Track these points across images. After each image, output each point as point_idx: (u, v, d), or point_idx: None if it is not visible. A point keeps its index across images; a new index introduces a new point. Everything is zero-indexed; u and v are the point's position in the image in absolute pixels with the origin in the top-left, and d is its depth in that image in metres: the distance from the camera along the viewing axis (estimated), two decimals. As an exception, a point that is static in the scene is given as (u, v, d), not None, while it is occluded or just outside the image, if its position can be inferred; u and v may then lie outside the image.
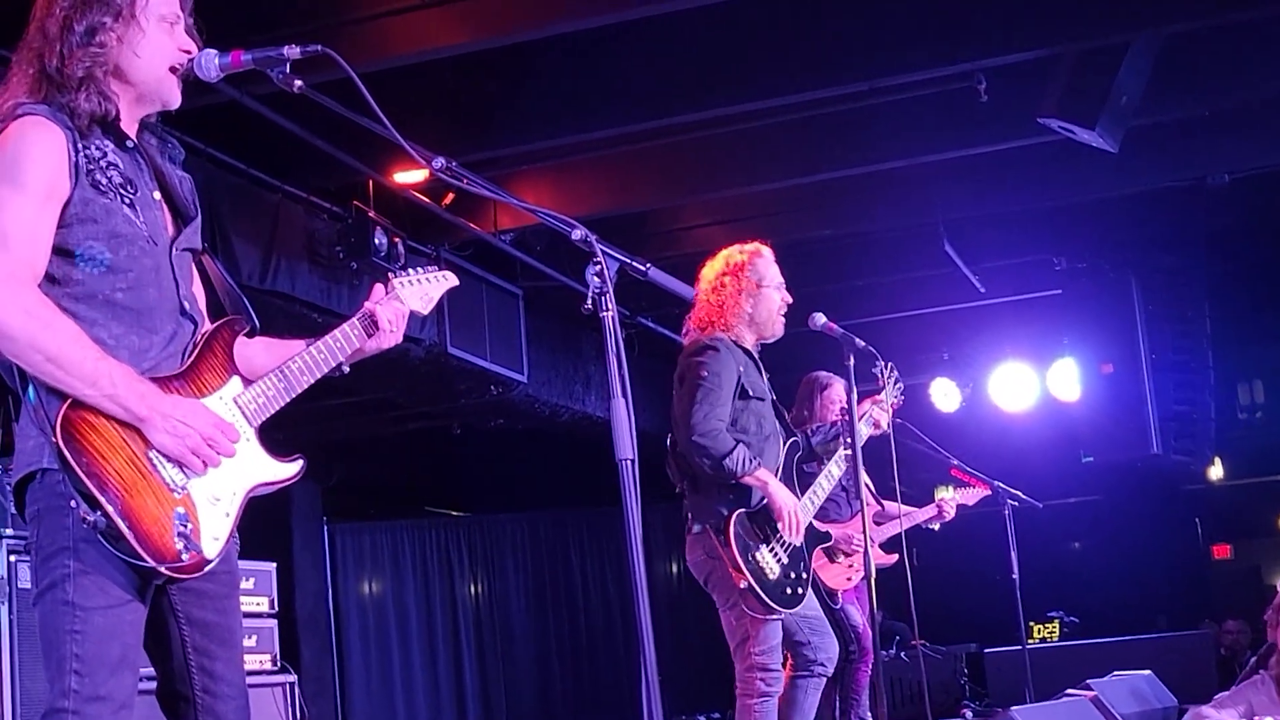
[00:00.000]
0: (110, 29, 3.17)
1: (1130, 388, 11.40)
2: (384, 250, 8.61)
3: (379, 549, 14.22)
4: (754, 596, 5.52)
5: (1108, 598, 13.82)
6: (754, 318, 5.89)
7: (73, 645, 3.03)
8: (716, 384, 5.65)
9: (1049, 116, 7.62)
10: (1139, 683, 8.19)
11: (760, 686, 5.57)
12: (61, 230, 3.08)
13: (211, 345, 3.30)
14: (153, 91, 3.29)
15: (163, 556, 3.01)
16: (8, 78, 3.24)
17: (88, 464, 2.97)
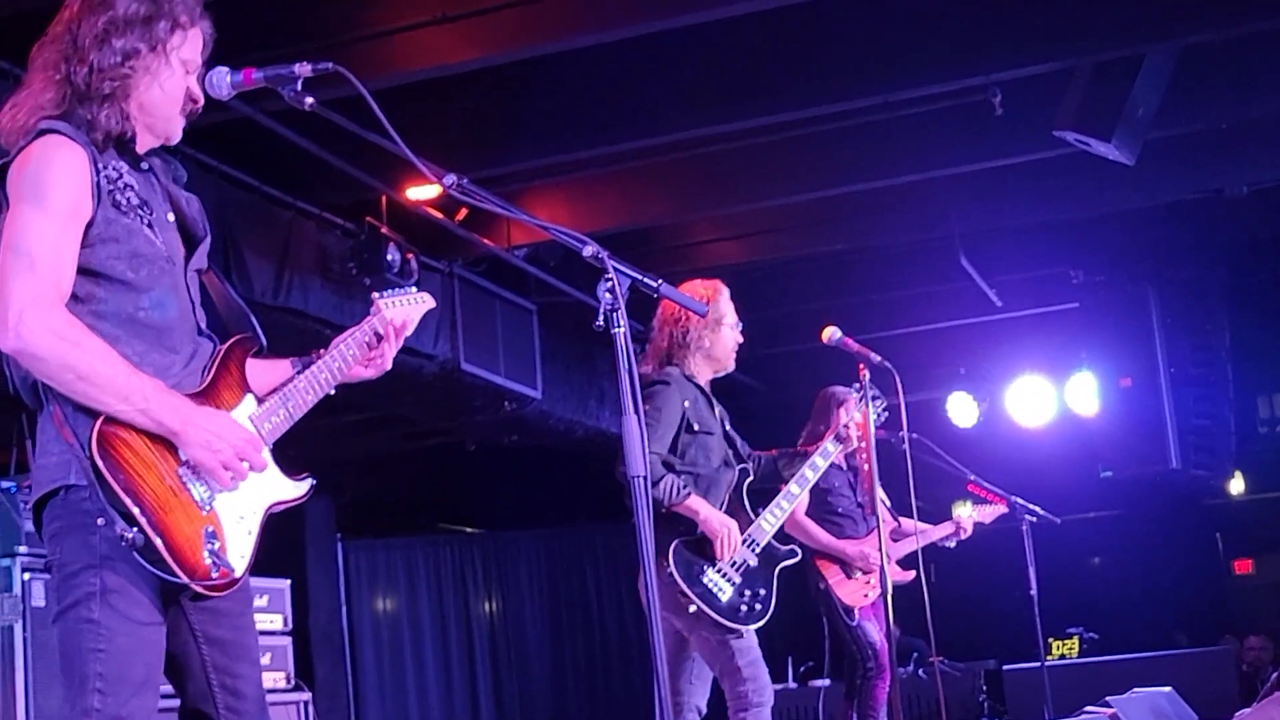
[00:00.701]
0: (143, 56, 3.19)
1: (1149, 402, 11.33)
2: (397, 266, 8.59)
3: (393, 566, 14.20)
4: (706, 619, 5.58)
5: (1127, 614, 13.74)
6: (710, 353, 5.95)
7: (96, 664, 3.02)
8: (657, 419, 5.71)
9: (1065, 129, 7.59)
10: (1159, 700, 8.11)
11: (752, 698, 5.64)
12: (84, 250, 3.08)
13: (227, 363, 3.31)
14: (161, 127, 3.30)
15: (195, 573, 3.03)
16: (29, 78, 3.24)
17: (125, 480, 2.98)
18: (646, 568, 2.96)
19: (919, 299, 11.79)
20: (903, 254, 10.96)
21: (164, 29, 3.22)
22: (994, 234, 10.39)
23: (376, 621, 13.98)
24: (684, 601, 5.58)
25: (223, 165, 7.70)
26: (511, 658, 14.59)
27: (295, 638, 9.60)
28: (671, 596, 5.63)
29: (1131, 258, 11.36)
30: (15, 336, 2.96)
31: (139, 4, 3.19)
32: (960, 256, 10.17)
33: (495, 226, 9.36)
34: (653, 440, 5.65)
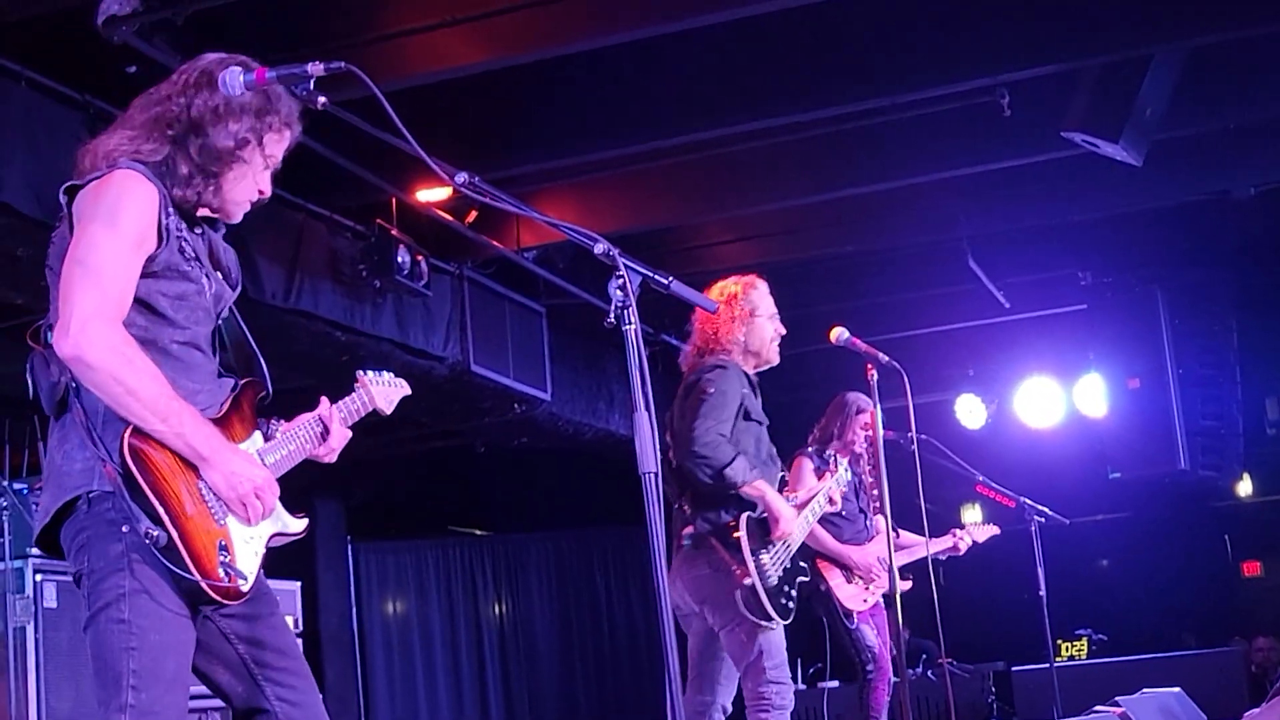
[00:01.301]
0: (250, 148, 3.41)
1: (1157, 403, 11.32)
2: (407, 268, 8.62)
3: (403, 568, 14.22)
4: (755, 597, 5.57)
5: (1136, 615, 13.73)
6: (748, 345, 5.97)
7: (129, 661, 3.16)
8: (721, 401, 5.75)
9: (1073, 130, 7.60)
10: (1168, 700, 8.11)
11: (775, 700, 5.64)
12: (141, 280, 3.26)
13: (239, 401, 3.48)
14: (228, 209, 3.51)
15: (207, 575, 3.19)
16: (127, 121, 3.41)
17: (153, 483, 3.15)
18: (658, 567, 2.97)
19: (927, 301, 11.79)
20: (911, 256, 10.96)
21: (269, 124, 3.42)
22: (1002, 236, 10.39)
23: (387, 624, 14.00)
24: (739, 573, 5.58)
25: (233, 168, 7.71)
26: (521, 660, 14.60)
27: (306, 640, 9.62)
28: (717, 580, 5.65)
29: (1139, 259, 11.36)
30: (74, 345, 3.11)
31: (252, 93, 3.36)
32: (968, 258, 10.17)
33: (505, 229, 9.38)
34: (719, 421, 5.70)
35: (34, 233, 6.53)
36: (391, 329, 8.93)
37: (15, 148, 6.32)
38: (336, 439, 3.73)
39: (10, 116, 6.32)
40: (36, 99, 6.51)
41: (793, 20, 7.17)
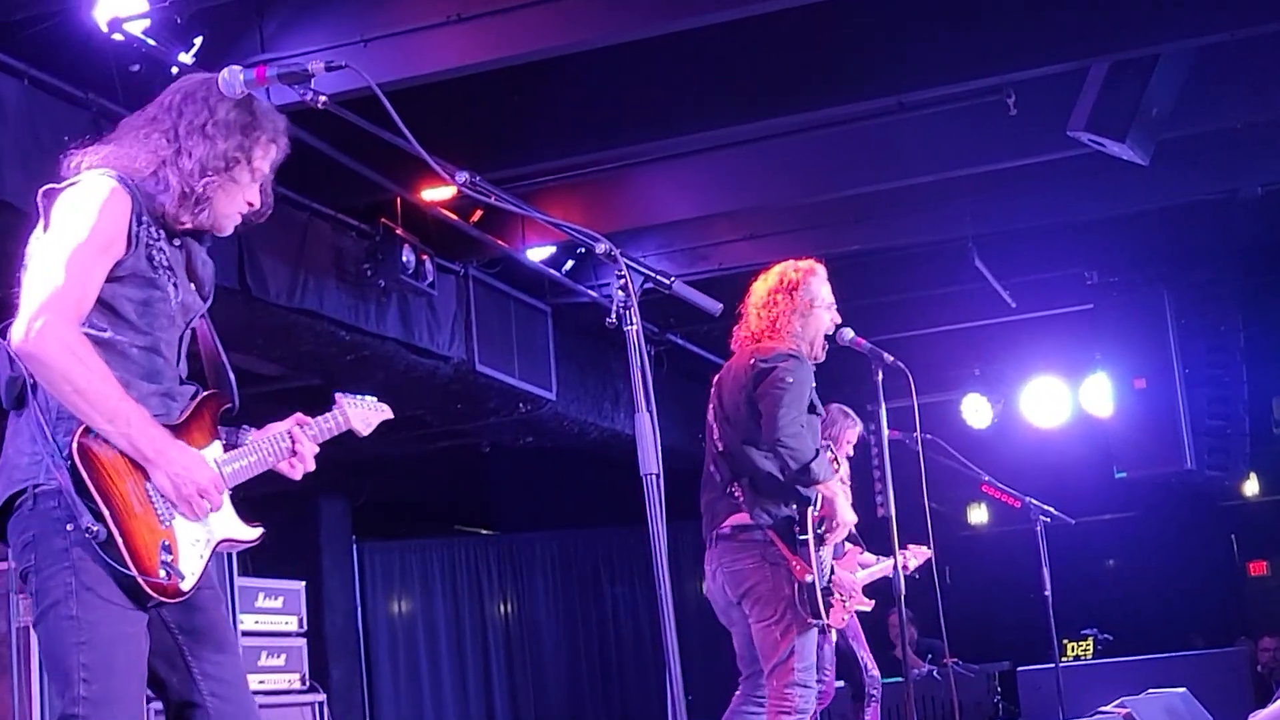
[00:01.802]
0: (238, 166, 3.49)
1: (1163, 403, 11.30)
2: (411, 268, 8.61)
3: (408, 568, 14.22)
4: (813, 594, 5.54)
5: (1142, 615, 13.70)
6: (802, 337, 5.88)
7: (79, 655, 3.23)
8: (800, 392, 5.71)
9: (1079, 130, 7.58)
10: (1174, 701, 8.09)
11: (799, 703, 5.60)
12: (107, 283, 3.34)
13: (201, 410, 3.55)
14: (214, 223, 3.56)
15: (146, 572, 3.25)
16: (118, 138, 3.51)
17: (99, 481, 3.23)
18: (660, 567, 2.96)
19: (933, 300, 11.77)
20: (916, 255, 10.94)
21: (257, 140, 3.52)
22: (1008, 235, 10.37)
23: (392, 623, 14.00)
24: (800, 569, 5.55)
25: (238, 167, 7.71)
26: (526, 660, 14.60)
27: (310, 639, 9.61)
28: (764, 572, 5.62)
29: (1146, 259, 11.34)
30: (28, 340, 3.21)
31: (237, 111, 3.47)
32: (974, 258, 10.15)
33: (510, 228, 9.37)
34: (800, 413, 5.66)
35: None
36: (396, 328, 8.92)
37: (18, 146, 6.31)
38: (304, 456, 3.75)
39: (13, 115, 6.31)
40: (40, 97, 6.50)
41: (798, 20, 7.15)
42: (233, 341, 8.35)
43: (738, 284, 6.23)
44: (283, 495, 13.19)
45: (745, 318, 6.00)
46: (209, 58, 6.58)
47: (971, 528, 15.40)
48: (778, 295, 5.94)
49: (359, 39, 6.65)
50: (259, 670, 8.94)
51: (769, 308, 5.94)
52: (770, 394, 5.69)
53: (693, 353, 12.05)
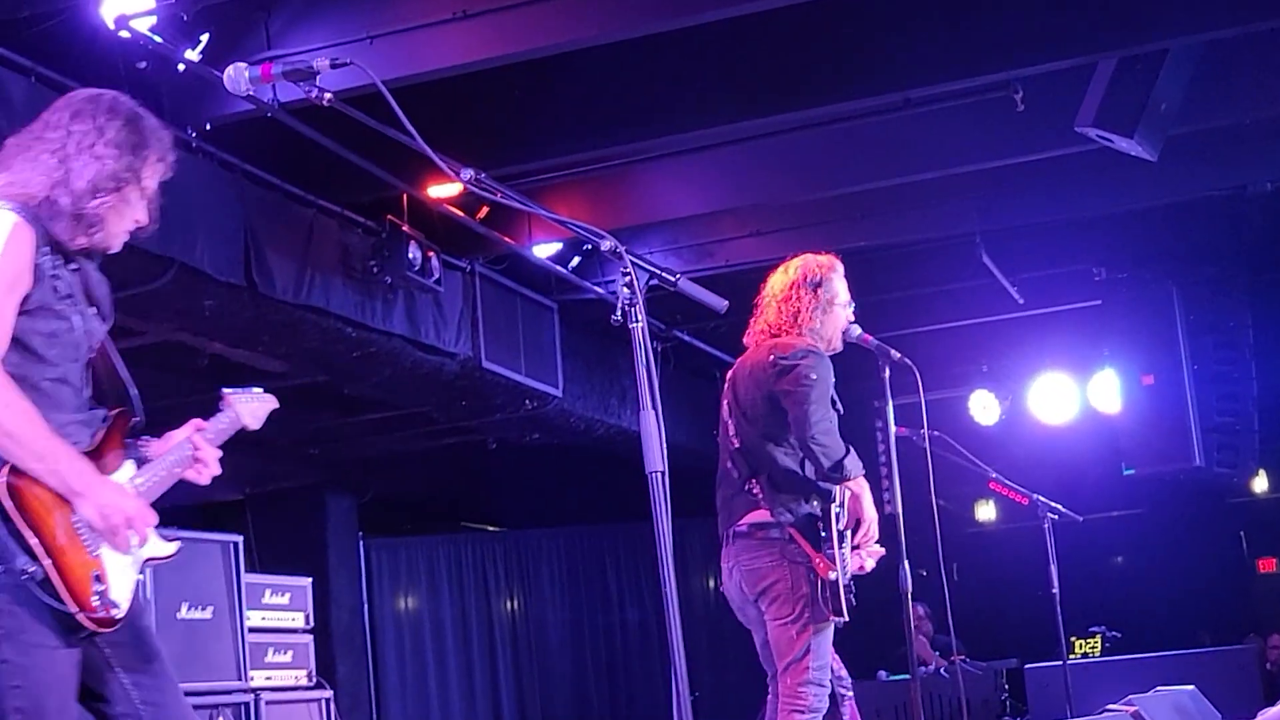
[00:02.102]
0: (127, 187, 3.49)
1: (1172, 399, 11.27)
2: (418, 264, 8.61)
3: (414, 564, 14.23)
4: (836, 592, 5.50)
5: (1150, 612, 13.69)
6: (819, 333, 5.85)
7: (15, 700, 3.25)
8: (825, 389, 5.65)
9: (1087, 125, 7.55)
10: (1182, 698, 8.08)
11: (812, 702, 5.56)
12: (16, 319, 3.35)
13: (111, 431, 3.56)
14: (104, 242, 3.56)
15: (83, 606, 3.30)
16: (9, 165, 3.47)
17: (30, 519, 3.26)
18: (665, 564, 2.95)
19: (940, 296, 11.75)
20: (924, 251, 10.92)
21: (143, 160, 3.52)
22: (1016, 231, 10.35)
23: (398, 619, 14.01)
24: (822, 567, 5.51)
25: (244, 164, 7.72)
26: (532, 656, 14.60)
27: (317, 635, 9.63)
28: (784, 570, 5.57)
29: (1154, 254, 11.31)
30: None
31: (126, 131, 3.49)
32: (982, 254, 10.13)
33: (516, 225, 9.36)
34: (829, 409, 5.62)
35: (43, 228, 6.52)
36: (403, 325, 8.92)
37: (24, 143, 6.30)
38: (207, 460, 3.75)
39: (20, 112, 6.30)
40: (46, 94, 6.48)
41: (802, 16, 7.13)
42: (239, 338, 8.39)
43: (743, 281, 6.21)
44: (289, 492, 13.28)
45: (762, 310, 5.92)
46: (215, 55, 6.58)
47: (979, 525, 15.40)
48: (800, 290, 5.87)
49: (365, 36, 6.64)
50: (265, 666, 8.96)
51: (789, 302, 5.86)
52: (796, 392, 5.63)
53: (699, 349, 12.04)
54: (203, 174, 7.45)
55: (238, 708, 8.47)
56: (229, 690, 8.48)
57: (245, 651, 8.66)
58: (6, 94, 6.24)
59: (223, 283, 7.57)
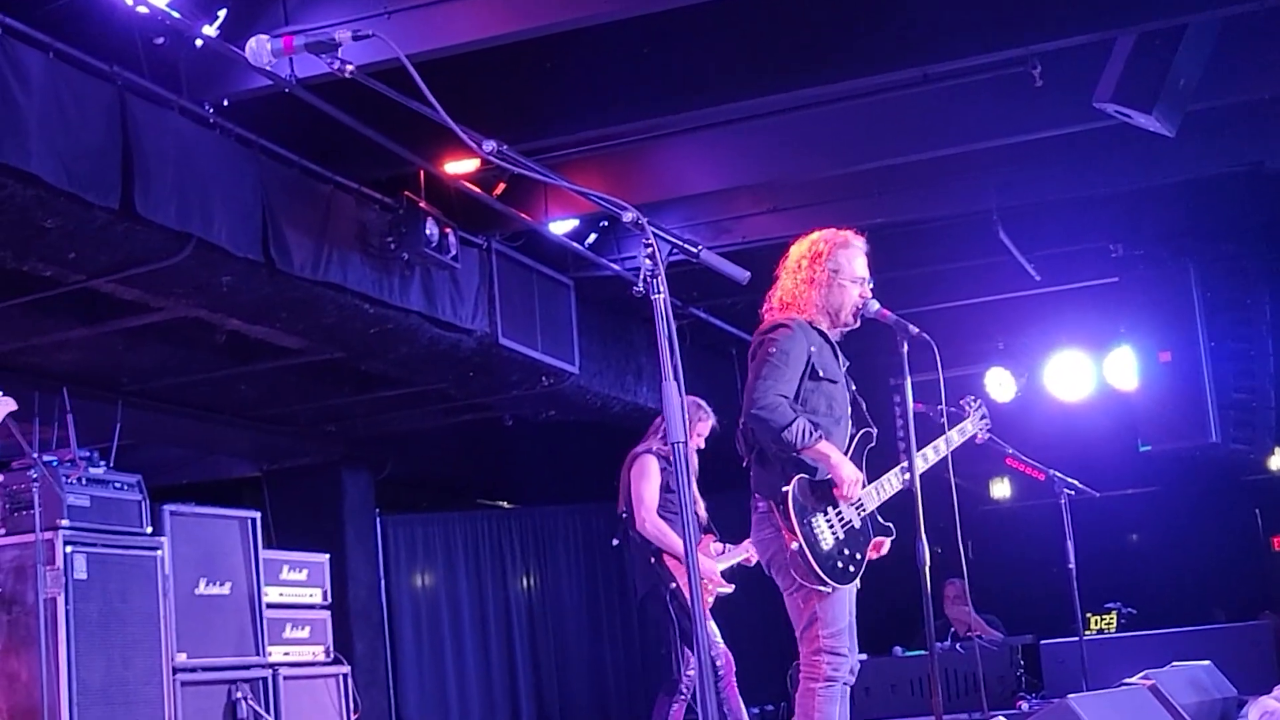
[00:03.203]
0: None
1: (1189, 376, 11.24)
2: (435, 241, 8.61)
3: (431, 541, 14.26)
4: (803, 561, 5.51)
5: (1166, 588, 13.67)
6: (826, 306, 5.86)
7: None
8: (784, 361, 5.66)
9: (1105, 101, 7.53)
10: (1198, 673, 8.09)
11: (826, 671, 5.56)
12: None
13: None
14: None
15: None
16: None
17: None
18: (688, 535, 2.96)
19: (957, 273, 11.73)
20: (941, 228, 10.89)
21: None
22: (1033, 208, 10.33)
23: (415, 596, 14.05)
24: (788, 537, 5.53)
25: (262, 140, 7.72)
26: (549, 632, 14.63)
27: (334, 612, 9.68)
28: (775, 542, 5.62)
29: (1172, 231, 11.27)
30: None
31: None
32: (999, 230, 10.11)
33: (533, 202, 9.36)
34: (779, 382, 5.62)
35: (62, 204, 6.54)
36: (420, 302, 8.93)
37: (43, 119, 6.32)
38: None
39: (38, 88, 6.31)
40: (63, 69, 6.51)
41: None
42: (256, 314, 8.41)
43: (760, 257, 6.20)
44: (307, 469, 13.30)
45: (775, 284, 5.97)
46: (233, 30, 6.59)
47: (994, 502, 15.37)
48: (802, 262, 5.91)
49: (382, 11, 6.64)
50: (283, 642, 9.01)
51: (793, 274, 5.91)
52: (754, 366, 5.73)
53: (716, 327, 12.04)
54: (220, 150, 7.46)
55: (255, 683, 8.52)
56: (247, 665, 8.54)
57: (263, 627, 8.71)
58: (24, 69, 6.25)
59: (240, 259, 7.58)
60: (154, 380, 10.09)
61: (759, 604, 6.31)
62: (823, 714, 5.59)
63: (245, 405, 11.14)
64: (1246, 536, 15.10)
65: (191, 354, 9.65)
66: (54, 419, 7.80)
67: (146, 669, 7.75)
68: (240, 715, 8.30)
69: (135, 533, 7.93)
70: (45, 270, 7.25)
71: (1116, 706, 6.45)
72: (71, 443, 7.69)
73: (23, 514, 7.40)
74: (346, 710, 9.31)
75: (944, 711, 5.74)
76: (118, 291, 7.79)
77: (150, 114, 6.94)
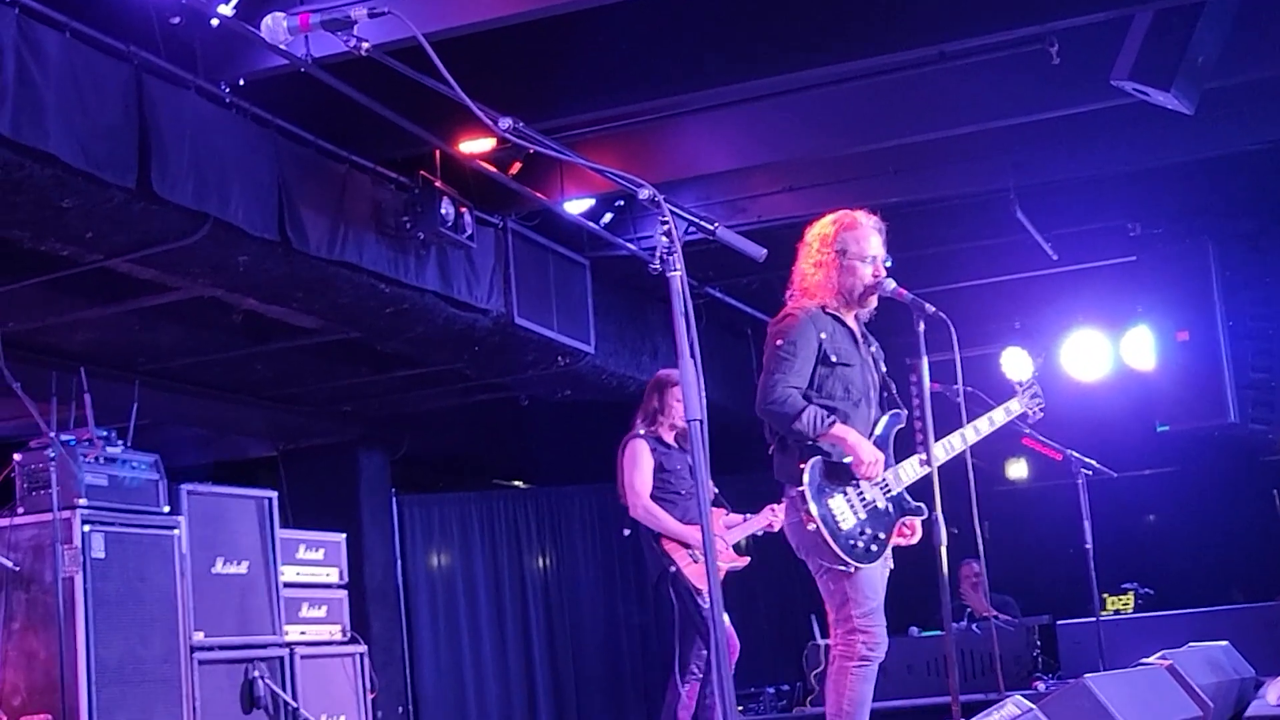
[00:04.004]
0: None
1: (1207, 355, 11.20)
2: (450, 220, 8.60)
3: (447, 521, 14.28)
4: (821, 541, 5.53)
5: (1183, 569, 13.63)
6: (837, 289, 5.87)
7: None
8: (792, 352, 5.69)
9: (1123, 79, 7.49)
10: (1216, 653, 8.06)
11: (861, 650, 5.60)
12: None
13: None
14: None
15: None
16: None
17: None
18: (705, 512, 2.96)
19: (974, 252, 11.70)
20: (958, 207, 10.86)
21: None
22: (1050, 186, 10.29)
23: (431, 576, 14.08)
24: (805, 519, 5.57)
25: (277, 119, 7.72)
26: (565, 612, 14.65)
27: (351, 591, 9.71)
28: (798, 524, 5.64)
29: (1190, 210, 11.22)
30: None
31: None
32: (1016, 209, 10.08)
33: (548, 181, 9.35)
34: (789, 374, 5.66)
35: (79, 184, 6.54)
36: (435, 281, 8.93)
37: (60, 99, 6.32)
38: None
39: (55, 67, 6.32)
40: (80, 49, 6.51)
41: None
42: (272, 294, 8.42)
43: (776, 236, 6.21)
44: (323, 449, 13.33)
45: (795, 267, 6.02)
46: (249, 10, 6.58)
47: (1011, 483, 15.34)
48: (812, 246, 5.96)
49: (397, -11, 6.62)
50: (300, 621, 9.04)
51: (805, 259, 5.96)
52: (765, 361, 5.78)
53: (732, 306, 12.02)
54: (236, 129, 7.46)
55: (272, 662, 8.55)
56: (264, 645, 8.57)
57: (280, 606, 8.73)
58: (42, 51, 6.25)
59: (256, 238, 7.58)
60: (171, 360, 10.11)
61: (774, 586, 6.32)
62: (856, 693, 5.62)
63: (261, 385, 11.17)
64: (1265, 517, 15.03)
65: (208, 334, 9.67)
66: (71, 398, 7.82)
67: (164, 648, 7.79)
68: (257, 694, 8.33)
69: (153, 512, 7.95)
70: (63, 250, 7.27)
71: (1133, 686, 6.43)
72: (89, 422, 7.71)
73: (41, 493, 7.43)
74: (363, 689, 9.34)
75: (960, 691, 5.74)
76: (134, 271, 7.81)
77: (167, 94, 6.95)
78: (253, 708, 8.31)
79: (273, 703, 8.44)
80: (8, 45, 6.05)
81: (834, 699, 5.67)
